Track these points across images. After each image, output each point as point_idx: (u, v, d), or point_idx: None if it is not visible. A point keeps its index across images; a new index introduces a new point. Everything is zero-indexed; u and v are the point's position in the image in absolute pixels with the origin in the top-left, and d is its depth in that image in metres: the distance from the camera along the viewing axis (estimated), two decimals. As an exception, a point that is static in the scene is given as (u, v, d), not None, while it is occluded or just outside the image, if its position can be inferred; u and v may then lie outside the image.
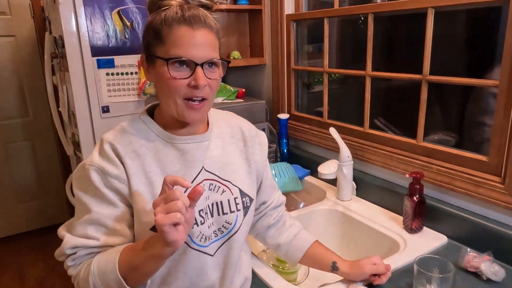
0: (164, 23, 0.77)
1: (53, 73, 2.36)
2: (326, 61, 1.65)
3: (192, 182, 0.86)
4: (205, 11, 0.80)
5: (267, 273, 1.05)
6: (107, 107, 2.01)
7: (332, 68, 1.68)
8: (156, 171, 0.83)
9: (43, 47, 2.87)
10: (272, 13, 1.83)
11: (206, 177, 0.88)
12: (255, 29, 1.98)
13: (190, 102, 0.78)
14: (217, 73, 0.81)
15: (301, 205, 1.55)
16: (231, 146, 0.94)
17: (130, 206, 0.82)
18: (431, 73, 1.24)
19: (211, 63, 0.79)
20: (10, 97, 2.90)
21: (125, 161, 0.81)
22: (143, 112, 0.90)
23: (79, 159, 2.10)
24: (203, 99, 0.80)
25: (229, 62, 0.86)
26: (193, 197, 0.66)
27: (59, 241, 0.82)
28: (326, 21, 1.61)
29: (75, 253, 0.80)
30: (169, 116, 0.84)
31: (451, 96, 1.59)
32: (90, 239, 0.79)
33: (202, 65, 0.76)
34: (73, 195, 0.86)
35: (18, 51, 2.86)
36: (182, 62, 0.76)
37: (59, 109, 2.32)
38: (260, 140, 1.00)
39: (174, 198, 0.63)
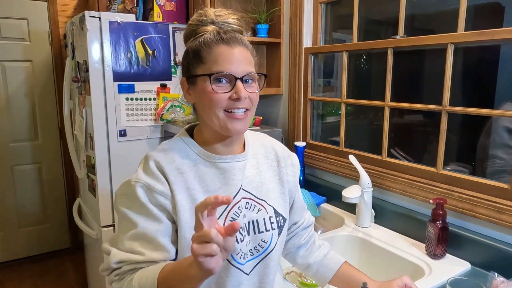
0: (204, 44, 0.82)
1: (70, 98, 2.40)
2: (344, 92, 1.72)
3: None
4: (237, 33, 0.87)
5: (297, 294, 1.05)
6: (125, 130, 2.05)
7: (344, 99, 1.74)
8: (198, 188, 0.85)
9: (58, 73, 2.95)
10: (291, 46, 1.92)
11: (243, 196, 0.90)
12: (273, 61, 2.07)
13: (232, 113, 0.82)
14: (255, 87, 0.85)
15: (319, 231, 1.56)
16: (265, 166, 0.97)
17: (173, 222, 0.84)
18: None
19: (249, 79, 0.84)
20: (21, 120, 2.94)
21: (169, 178, 0.83)
22: (182, 132, 0.93)
23: (92, 182, 2.11)
24: (246, 110, 0.84)
25: (266, 75, 0.91)
26: (229, 233, 0.62)
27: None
28: (345, 55, 1.69)
29: (120, 268, 0.81)
30: (210, 133, 0.88)
31: (461, 128, 1.65)
32: (136, 254, 0.80)
33: (241, 78, 0.81)
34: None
35: (34, 75, 2.92)
36: (223, 77, 0.81)
37: (74, 132, 2.34)
38: (292, 161, 1.03)
39: (208, 239, 0.61)
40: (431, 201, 1.23)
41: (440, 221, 1.21)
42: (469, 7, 1.26)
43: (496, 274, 1.06)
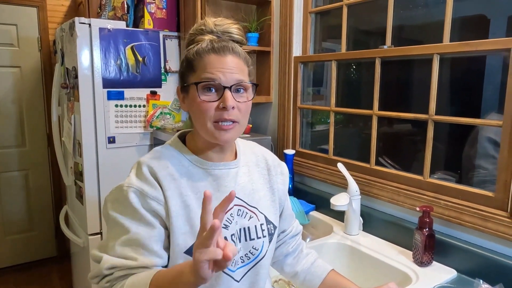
0: (196, 54, 0.83)
1: (58, 104, 2.38)
2: (333, 100, 1.74)
3: None
4: (234, 42, 0.86)
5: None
6: (114, 137, 2.04)
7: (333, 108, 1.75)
8: (191, 195, 0.85)
9: (47, 79, 2.93)
10: (281, 55, 1.93)
11: (235, 203, 0.90)
12: (263, 69, 2.08)
13: (220, 124, 0.82)
14: (245, 96, 0.84)
15: (308, 239, 1.56)
16: (256, 174, 0.97)
17: (166, 228, 0.83)
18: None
19: (239, 88, 0.83)
20: (9, 126, 2.90)
21: (163, 184, 0.83)
22: (174, 139, 0.93)
23: (80, 189, 2.09)
24: (233, 122, 0.83)
25: (257, 85, 0.90)
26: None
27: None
28: (333, 64, 1.71)
29: (112, 274, 0.80)
30: (202, 141, 0.88)
31: (448, 137, 1.67)
32: (128, 259, 0.79)
33: (230, 88, 0.81)
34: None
35: (22, 81, 2.89)
36: (211, 86, 0.81)
37: (62, 138, 2.32)
38: (282, 169, 1.04)
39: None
40: (417, 208, 1.24)
41: (427, 229, 1.22)
42: (456, 19, 1.29)
43: (481, 281, 1.08)
